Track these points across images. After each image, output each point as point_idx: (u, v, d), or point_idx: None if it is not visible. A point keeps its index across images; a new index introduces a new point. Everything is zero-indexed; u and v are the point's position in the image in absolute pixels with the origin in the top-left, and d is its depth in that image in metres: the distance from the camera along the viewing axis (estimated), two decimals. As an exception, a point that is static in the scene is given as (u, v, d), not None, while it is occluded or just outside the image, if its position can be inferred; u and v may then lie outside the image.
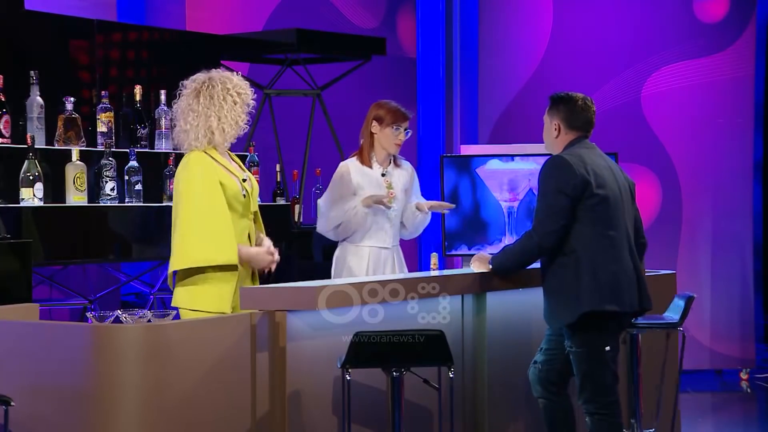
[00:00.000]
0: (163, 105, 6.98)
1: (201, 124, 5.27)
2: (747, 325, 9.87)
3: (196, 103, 5.29)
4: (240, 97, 5.32)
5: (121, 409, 4.45)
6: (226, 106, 5.27)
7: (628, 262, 5.38)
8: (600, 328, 5.30)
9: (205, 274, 5.23)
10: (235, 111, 5.29)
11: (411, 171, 6.44)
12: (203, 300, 5.22)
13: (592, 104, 5.50)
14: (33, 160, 6.17)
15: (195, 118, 5.28)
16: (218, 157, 5.30)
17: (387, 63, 9.54)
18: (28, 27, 6.81)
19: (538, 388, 5.51)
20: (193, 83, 5.33)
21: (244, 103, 5.33)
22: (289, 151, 8.40)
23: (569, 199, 5.28)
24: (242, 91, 5.33)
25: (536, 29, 9.89)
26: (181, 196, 5.24)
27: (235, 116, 5.30)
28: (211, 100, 5.27)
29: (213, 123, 5.26)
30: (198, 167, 5.23)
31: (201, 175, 5.22)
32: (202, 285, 5.23)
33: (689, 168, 9.77)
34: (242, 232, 5.34)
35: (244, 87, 5.36)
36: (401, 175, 6.37)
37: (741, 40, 9.78)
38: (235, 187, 5.28)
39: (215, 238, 5.19)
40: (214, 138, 5.27)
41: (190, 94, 5.32)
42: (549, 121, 5.51)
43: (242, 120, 5.33)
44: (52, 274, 7.31)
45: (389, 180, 6.31)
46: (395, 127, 6.25)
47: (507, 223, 7.09)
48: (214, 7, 9.42)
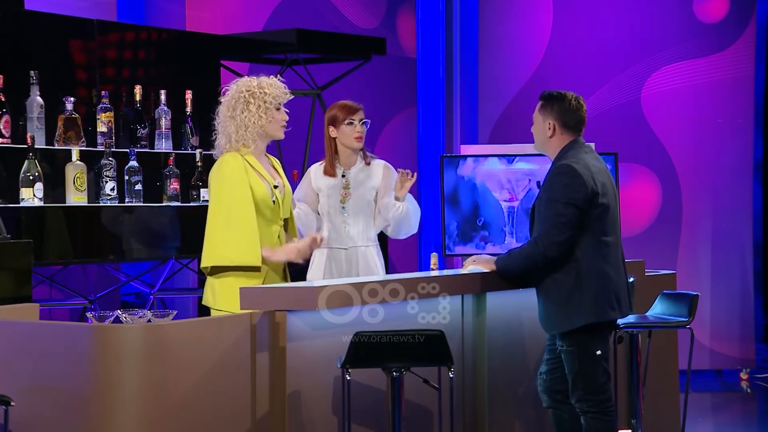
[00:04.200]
0: (163, 105, 6.98)
1: (221, 131, 5.44)
2: (747, 325, 9.87)
3: (221, 112, 5.47)
4: (254, 98, 5.38)
5: (121, 409, 4.45)
6: (238, 110, 5.40)
7: (622, 267, 5.39)
8: (594, 332, 5.29)
9: (228, 274, 5.34)
10: (249, 113, 5.38)
11: (383, 168, 6.19)
12: (224, 299, 5.32)
13: (583, 103, 5.45)
14: (33, 160, 6.17)
15: (218, 125, 5.48)
16: (252, 160, 5.40)
17: (387, 63, 9.54)
18: (28, 27, 6.81)
19: (545, 398, 5.51)
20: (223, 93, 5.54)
21: (262, 102, 5.39)
22: (289, 151, 8.40)
23: (579, 210, 5.23)
24: (256, 91, 5.40)
25: (536, 29, 9.89)
26: (211, 195, 5.41)
27: (249, 118, 5.38)
28: (227, 107, 5.44)
29: (230, 128, 5.40)
30: (228, 168, 5.36)
31: (229, 175, 5.34)
32: (224, 284, 5.35)
33: (689, 168, 9.77)
34: (271, 237, 5.41)
35: (259, 87, 5.42)
36: (371, 174, 6.17)
37: (741, 40, 9.78)
38: (264, 191, 5.37)
39: (237, 238, 5.30)
40: (232, 142, 5.40)
41: (222, 103, 5.52)
42: (542, 121, 5.42)
43: (262, 120, 5.40)
44: (52, 274, 7.31)
45: (348, 179, 6.13)
46: (348, 121, 6.10)
47: (507, 223, 7.09)
48: (214, 7, 9.42)
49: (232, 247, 5.30)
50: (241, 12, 9.50)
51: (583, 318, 5.24)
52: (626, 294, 5.38)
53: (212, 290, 5.39)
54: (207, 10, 9.38)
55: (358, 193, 6.12)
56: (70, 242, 6.38)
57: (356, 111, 6.13)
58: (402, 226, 6.13)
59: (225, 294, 5.33)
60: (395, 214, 6.09)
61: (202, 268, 5.43)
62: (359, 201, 6.12)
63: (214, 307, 5.36)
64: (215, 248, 5.32)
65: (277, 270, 5.45)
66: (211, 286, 5.39)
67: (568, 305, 5.26)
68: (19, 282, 5.81)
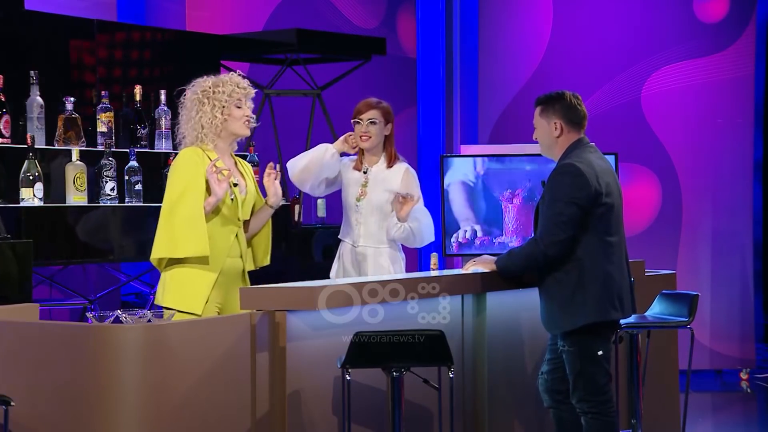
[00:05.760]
0: (163, 105, 6.98)
1: (180, 133, 5.45)
2: (747, 325, 9.87)
3: (180, 114, 5.48)
4: (207, 97, 5.36)
5: (121, 409, 4.45)
6: (194, 111, 5.38)
7: (625, 267, 5.38)
8: (595, 333, 5.29)
9: (176, 268, 5.30)
10: (204, 113, 5.37)
11: (404, 172, 6.15)
12: (173, 296, 5.28)
13: (581, 99, 5.47)
14: (33, 160, 6.17)
15: (177, 128, 5.50)
16: (213, 156, 5.34)
17: (387, 63, 9.54)
18: (28, 27, 6.81)
19: (546, 398, 5.51)
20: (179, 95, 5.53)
21: (216, 101, 5.36)
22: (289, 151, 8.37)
23: (581, 210, 5.23)
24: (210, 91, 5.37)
25: (536, 29, 9.89)
26: (166, 188, 5.36)
27: (204, 118, 5.37)
28: (184, 109, 5.44)
29: (187, 130, 5.41)
30: (181, 159, 5.34)
31: (181, 167, 5.32)
32: (173, 279, 5.31)
33: (689, 168, 9.77)
34: (227, 237, 5.36)
35: (214, 86, 5.39)
36: (390, 176, 6.13)
37: (741, 40, 9.78)
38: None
39: (181, 228, 5.22)
40: (188, 143, 5.39)
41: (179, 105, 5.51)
42: (547, 123, 5.41)
43: (217, 120, 5.37)
44: (52, 274, 7.31)
45: (368, 178, 6.12)
46: (355, 121, 6.10)
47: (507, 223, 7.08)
48: (214, 7, 9.42)
49: (180, 238, 5.21)
50: (241, 12, 9.50)
51: (585, 318, 5.24)
52: (629, 294, 5.38)
53: (163, 286, 5.32)
54: (207, 10, 9.38)
55: (375, 193, 6.11)
56: (70, 242, 6.38)
57: (364, 110, 6.10)
58: (408, 243, 6.13)
59: (174, 290, 5.26)
60: (397, 235, 6.07)
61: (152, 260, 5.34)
62: (373, 202, 6.11)
63: (163, 305, 5.25)
64: (162, 240, 5.24)
65: (232, 273, 5.38)
66: (163, 282, 5.32)
67: (570, 305, 5.26)
68: (19, 282, 5.81)
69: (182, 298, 5.26)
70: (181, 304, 5.23)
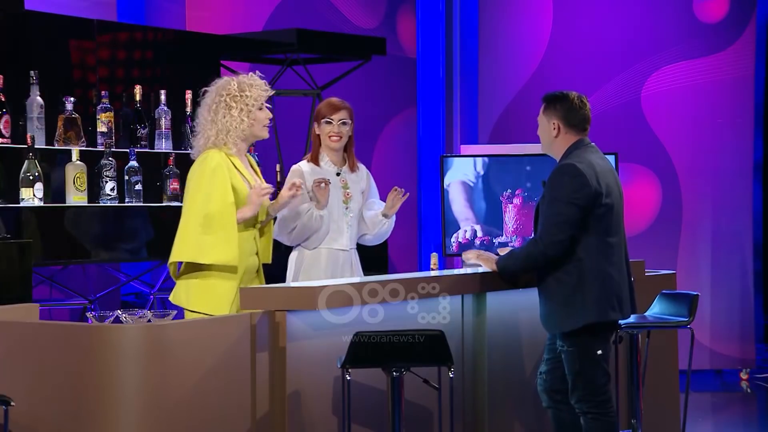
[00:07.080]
0: (163, 105, 6.98)
1: (201, 133, 5.40)
2: (747, 325, 9.87)
3: (200, 114, 5.43)
4: (235, 101, 5.35)
5: (121, 409, 4.45)
6: (220, 114, 5.36)
7: (625, 268, 5.38)
8: (594, 333, 5.29)
9: (203, 273, 5.29)
10: (231, 117, 5.35)
11: (367, 174, 6.12)
12: (198, 299, 5.28)
13: (587, 102, 5.45)
14: (33, 160, 6.17)
15: (197, 126, 5.44)
16: (235, 160, 5.38)
17: (387, 63, 9.54)
18: (28, 27, 6.81)
19: (544, 398, 5.51)
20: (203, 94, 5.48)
21: (244, 105, 5.36)
22: (289, 151, 8.40)
23: (580, 210, 5.23)
24: (237, 94, 5.36)
25: (536, 29, 9.89)
26: (190, 189, 5.32)
27: (231, 122, 5.35)
28: (207, 110, 5.40)
29: (210, 131, 5.37)
30: (213, 162, 5.31)
31: (212, 171, 5.29)
32: (199, 284, 5.30)
33: (689, 168, 9.77)
34: (248, 239, 5.39)
35: (240, 90, 5.38)
36: (357, 178, 6.07)
37: (741, 40, 9.79)
38: (246, 192, 5.34)
39: (216, 236, 5.24)
40: (210, 144, 5.36)
41: (201, 105, 5.47)
42: (546, 121, 5.41)
43: (245, 124, 5.37)
44: (52, 274, 7.31)
45: (345, 179, 6.02)
46: (326, 120, 5.95)
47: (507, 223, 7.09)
48: (214, 7, 9.42)
49: (211, 245, 5.22)
50: (241, 12, 9.50)
51: (584, 318, 5.24)
52: (629, 295, 5.37)
53: (186, 290, 5.31)
54: (207, 10, 9.38)
55: (356, 194, 6.08)
56: (70, 242, 6.38)
57: (338, 110, 5.97)
58: (380, 239, 6.14)
59: (201, 295, 5.27)
60: (380, 230, 6.07)
61: (170, 264, 5.34)
62: (359, 203, 6.08)
63: (188, 308, 5.27)
64: (191, 245, 5.23)
65: (251, 270, 5.40)
66: (186, 286, 5.31)
67: (569, 305, 5.26)
68: (19, 282, 5.81)
69: (208, 302, 5.25)
70: (208, 308, 5.23)
